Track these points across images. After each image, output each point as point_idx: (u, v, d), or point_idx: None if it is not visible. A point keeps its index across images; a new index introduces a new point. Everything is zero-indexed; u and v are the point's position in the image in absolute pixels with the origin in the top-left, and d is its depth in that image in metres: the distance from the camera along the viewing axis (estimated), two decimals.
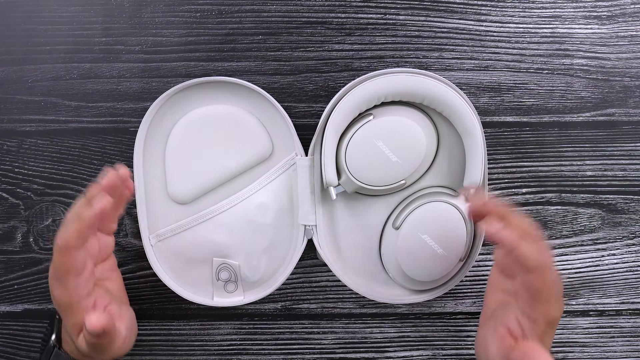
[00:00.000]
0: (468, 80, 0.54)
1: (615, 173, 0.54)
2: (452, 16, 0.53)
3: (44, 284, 0.55)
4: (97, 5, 0.54)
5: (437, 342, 0.56)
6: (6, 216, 0.55)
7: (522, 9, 0.54)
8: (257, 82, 0.53)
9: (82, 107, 0.54)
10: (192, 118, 0.51)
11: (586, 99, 0.54)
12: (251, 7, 0.54)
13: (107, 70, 0.54)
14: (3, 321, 0.56)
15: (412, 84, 0.48)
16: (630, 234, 0.55)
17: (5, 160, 0.55)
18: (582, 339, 0.55)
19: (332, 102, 0.49)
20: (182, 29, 0.54)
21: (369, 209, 0.52)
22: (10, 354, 0.55)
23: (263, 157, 0.52)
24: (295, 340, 0.56)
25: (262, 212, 0.52)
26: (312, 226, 0.51)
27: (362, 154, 0.49)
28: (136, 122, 0.52)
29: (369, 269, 0.53)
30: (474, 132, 0.48)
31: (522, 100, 0.54)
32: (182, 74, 0.54)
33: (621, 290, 0.55)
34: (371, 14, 0.53)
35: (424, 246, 0.49)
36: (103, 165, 0.54)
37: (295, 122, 0.51)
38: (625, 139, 0.54)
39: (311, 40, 0.54)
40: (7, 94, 0.54)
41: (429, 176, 0.52)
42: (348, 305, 0.55)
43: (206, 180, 0.52)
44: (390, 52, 0.54)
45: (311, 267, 0.55)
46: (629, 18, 0.54)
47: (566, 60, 0.54)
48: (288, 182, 0.52)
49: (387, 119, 0.49)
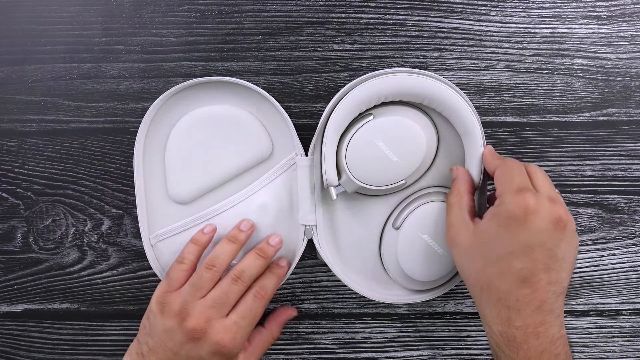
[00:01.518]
0: (468, 80, 0.54)
1: (615, 173, 0.54)
2: (452, 16, 0.53)
3: (44, 284, 0.55)
4: (97, 5, 0.54)
5: (437, 342, 0.56)
6: (6, 216, 0.55)
7: (522, 9, 0.54)
8: (257, 82, 0.53)
9: (82, 107, 0.54)
10: (192, 118, 0.51)
11: (586, 99, 0.54)
12: (251, 7, 0.54)
13: (107, 70, 0.54)
14: (3, 321, 0.56)
15: (412, 84, 0.48)
16: (630, 234, 0.55)
17: (5, 160, 0.55)
18: (582, 339, 0.55)
19: (332, 102, 0.49)
20: (182, 29, 0.54)
21: (369, 209, 0.52)
22: (10, 354, 0.55)
23: (263, 157, 0.52)
24: (295, 340, 0.56)
25: (262, 212, 0.52)
26: (312, 226, 0.51)
27: (362, 154, 0.49)
28: (136, 122, 0.52)
29: (369, 269, 0.53)
30: (473, 132, 0.48)
31: (522, 100, 0.54)
32: (182, 74, 0.54)
33: (621, 290, 0.55)
34: (371, 14, 0.53)
35: (424, 246, 0.49)
36: (103, 165, 0.55)
37: (295, 122, 0.51)
38: (625, 139, 0.54)
39: (311, 40, 0.54)
40: (7, 94, 0.54)
41: (429, 176, 0.52)
42: (348, 305, 0.55)
43: (206, 180, 0.52)
44: (390, 52, 0.54)
45: (311, 267, 0.55)
46: (629, 18, 0.54)
47: (566, 60, 0.54)
48: (288, 182, 0.52)
49: (387, 119, 0.49)
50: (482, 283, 0.42)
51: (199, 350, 0.44)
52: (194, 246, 0.49)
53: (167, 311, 0.45)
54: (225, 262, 0.47)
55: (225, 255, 0.48)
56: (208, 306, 0.45)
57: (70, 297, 0.55)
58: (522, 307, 0.40)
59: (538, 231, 0.40)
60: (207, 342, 0.44)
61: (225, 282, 0.46)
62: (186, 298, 0.45)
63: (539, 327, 0.40)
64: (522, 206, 0.40)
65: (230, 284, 0.46)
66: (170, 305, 0.45)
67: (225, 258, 0.48)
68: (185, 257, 0.48)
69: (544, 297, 0.40)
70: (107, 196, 0.55)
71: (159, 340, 0.45)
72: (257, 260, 0.48)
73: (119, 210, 0.55)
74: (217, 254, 0.48)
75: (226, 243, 0.49)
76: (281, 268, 0.50)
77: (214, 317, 0.45)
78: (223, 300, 0.45)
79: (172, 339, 0.44)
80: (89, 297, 0.55)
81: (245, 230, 0.50)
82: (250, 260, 0.48)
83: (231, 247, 0.48)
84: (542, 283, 0.40)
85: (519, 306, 0.40)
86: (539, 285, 0.40)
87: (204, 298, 0.46)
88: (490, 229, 0.42)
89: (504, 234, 0.41)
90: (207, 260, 0.47)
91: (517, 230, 0.40)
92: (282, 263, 0.51)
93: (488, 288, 0.42)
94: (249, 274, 0.47)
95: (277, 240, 0.50)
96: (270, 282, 0.48)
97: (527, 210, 0.40)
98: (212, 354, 0.44)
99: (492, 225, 0.42)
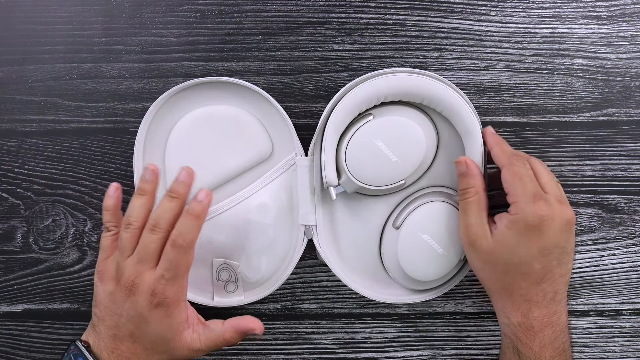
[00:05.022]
0: (468, 80, 0.54)
1: (615, 173, 0.54)
2: (452, 16, 0.53)
3: (44, 284, 0.55)
4: (97, 5, 0.54)
5: (437, 342, 0.56)
6: (6, 216, 0.55)
7: (522, 9, 0.54)
8: (257, 82, 0.53)
9: (82, 107, 0.54)
10: (192, 118, 0.51)
11: (586, 99, 0.54)
12: (251, 7, 0.54)
13: (107, 70, 0.54)
14: (3, 321, 0.56)
15: (412, 84, 0.48)
16: (630, 234, 0.55)
17: (5, 160, 0.55)
18: (582, 339, 0.55)
19: (332, 102, 0.49)
20: (182, 29, 0.54)
21: (369, 209, 0.52)
22: (10, 354, 0.55)
23: (263, 157, 0.52)
24: (295, 340, 0.56)
25: (262, 212, 0.52)
26: (312, 226, 0.51)
27: (362, 154, 0.49)
28: (136, 122, 0.52)
29: (369, 269, 0.53)
30: (474, 132, 0.48)
31: (522, 100, 0.54)
32: (182, 74, 0.54)
33: (621, 290, 0.55)
34: (371, 14, 0.53)
35: (424, 246, 0.49)
36: (103, 165, 0.55)
37: (295, 122, 0.51)
38: (625, 139, 0.54)
39: (311, 40, 0.54)
40: (7, 94, 0.54)
41: (428, 176, 0.52)
42: (348, 305, 0.55)
43: (206, 181, 0.52)
44: (390, 52, 0.54)
45: (311, 267, 0.55)
46: (629, 18, 0.54)
47: (566, 60, 0.54)
48: (288, 182, 0.52)
49: (387, 119, 0.49)
50: (504, 284, 0.46)
51: (137, 306, 0.45)
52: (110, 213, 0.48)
53: (106, 277, 0.46)
54: (140, 216, 0.46)
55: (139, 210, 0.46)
56: (135, 261, 0.45)
57: (70, 297, 0.55)
58: (541, 300, 0.45)
59: (554, 235, 0.44)
60: (142, 296, 0.44)
61: (145, 235, 0.45)
62: (117, 260, 0.46)
63: (553, 317, 0.45)
64: (539, 216, 0.44)
65: (148, 235, 0.45)
66: (106, 272, 0.46)
67: (139, 213, 0.46)
68: (107, 226, 0.48)
69: (557, 288, 0.45)
70: None
71: (104, 307, 0.46)
72: (170, 203, 0.45)
73: None
74: (129, 212, 0.46)
75: (167, 200, 0.46)
76: (199, 204, 0.45)
77: (143, 270, 0.45)
78: (145, 252, 0.45)
79: (114, 302, 0.45)
80: (89, 297, 0.55)
81: (184, 180, 0.46)
82: (163, 205, 0.46)
83: (170, 204, 0.46)
84: (556, 277, 0.45)
85: (538, 299, 0.45)
86: (554, 279, 0.45)
87: (131, 256, 0.46)
88: (510, 238, 0.45)
89: (524, 242, 0.44)
90: (124, 220, 0.46)
91: (535, 237, 0.44)
92: (200, 196, 0.45)
93: (510, 287, 0.46)
94: (164, 220, 0.45)
95: (204, 194, 0.45)
96: (186, 226, 0.44)
97: (542, 219, 0.44)
98: (150, 308, 0.44)
99: (512, 234, 0.44)
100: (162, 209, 0.46)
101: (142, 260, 0.45)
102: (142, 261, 0.45)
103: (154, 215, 0.46)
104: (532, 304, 0.45)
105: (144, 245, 0.45)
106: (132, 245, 0.46)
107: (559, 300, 0.46)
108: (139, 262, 0.45)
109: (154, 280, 0.44)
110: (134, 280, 0.45)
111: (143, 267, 0.45)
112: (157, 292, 0.44)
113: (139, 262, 0.45)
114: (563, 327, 0.46)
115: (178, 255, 0.44)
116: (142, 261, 0.45)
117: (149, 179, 0.47)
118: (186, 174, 0.46)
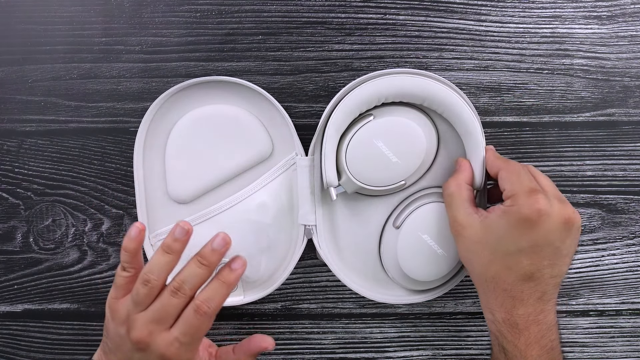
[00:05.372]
0: (468, 80, 0.54)
1: (615, 173, 0.54)
2: (452, 16, 0.53)
3: (44, 284, 0.55)
4: (97, 5, 0.54)
5: (437, 342, 0.56)
6: (6, 216, 0.55)
7: (522, 9, 0.54)
8: (257, 82, 0.53)
9: (82, 107, 0.54)
10: (192, 118, 0.51)
11: (586, 99, 0.54)
12: (251, 7, 0.54)
13: (107, 70, 0.54)
14: (3, 321, 0.56)
15: (413, 85, 0.48)
16: (630, 234, 0.55)
17: (5, 160, 0.55)
18: (582, 339, 0.55)
19: (332, 102, 0.49)
20: (182, 29, 0.54)
21: (369, 209, 0.52)
22: (10, 354, 0.55)
23: (263, 157, 0.52)
24: (295, 340, 0.56)
25: (262, 212, 0.52)
26: (312, 226, 0.51)
27: (363, 154, 0.49)
28: (136, 122, 0.52)
29: (369, 269, 0.53)
30: (474, 133, 0.48)
31: (522, 100, 0.54)
32: (182, 74, 0.54)
33: (621, 290, 0.55)
34: (371, 14, 0.53)
35: (424, 246, 0.49)
36: (103, 165, 0.55)
37: (295, 122, 0.51)
38: (625, 139, 0.54)
39: (311, 40, 0.54)
40: (7, 94, 0.54)
41: (428, 176, 0.52)
42: (348, 305, 0.55)
43: (206, 180, 0.52)
44: (390, 52, 0.54)
45: (311, 267, 0.55)
46: (629, 18, 0.54)
47: (566, 60, 0.54)
48: (288, 182, 0.52)
49: (387, 120, 0.49)
50: (488, 275, 0.44)
51: (148, 359, 0.43)
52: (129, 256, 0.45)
53: (116, 318, 0.44)
54: (162, 275, 0.43)
55: (159, 268, 0.43)
56: (149, 320, 0.42)
57: (70, 297, 0.55)
58: (526, 298, 0.43)
59: (548, 231, 0.42)
60: (153, 354, 0.43)
61: (165, 295, 0.43)
62: (129, 308, 0.43)
63: (539, 315, 0.43)
64: (536, 208, 0.42)
65: (169, 297, 0.42)
66: (117, 313, 0.44)
67: (162, 272, 0.43)
68: (125, 267, 0.45)
69: (545, 288, 0.43)
70: (107, 196, 0.55)
71: (115, 343, 0.44)
72: (198, 269, 0.43)
73: (119, 210, 0.55)
74: (151, 267, 0.43)
75: (196, 265, 0.43)
76: (233, 272, 0.44)
77: (156, 330, 0.42)
78: (162, 314, 0.42)
79: (124, 344, 0.44)
80: (89, 297, 0.55)
81: (218, 248, 0.44)
82: (191, 269, 0.43)
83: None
84: (546, 277, 0.43)
85: (523, 297, 0.43)
86: (543, 279, 0.43)
87: (145, 311, 0.43)
88: (500, 226, 0.43)
89: (515, 233, 0.42)
90: (143, 275, 0.43)
91: (529, 231, 0.42)
92: (236, 265, 0.44)
93: (494, 279, 0.44)
94: (189, 285, 0.42)
95: (239, 263, 0.44)
96: (216, 293, 0.43)
97: (539, 212, 0.42)
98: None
99: (503, 223, 0.43)
100: (188, 272, 0.43)
101: (156, 320, 0.42)
102: (157, 321, 0.42)
103: (179, 278, 0.43)
104: (516, 301, 0.43)
105: (162, 306, 0.42)
106: (148, 301, 0.43)
107: (546, 299, 0.43)
108: (152, 322, 0.42)
109: (167, 344, 0.42)
110: (145, 339, 0.42)
111: (157, 327, 0.42)
112: (168, 356, 0.42)
113: (152, 322, 0.42)
114: (550, 325, 0.44)
115: (199, 321, 0.42)
116: (156, 321, 0.42)
117: (179, 238, 0.43)
118: (222, 241, 0.43)
